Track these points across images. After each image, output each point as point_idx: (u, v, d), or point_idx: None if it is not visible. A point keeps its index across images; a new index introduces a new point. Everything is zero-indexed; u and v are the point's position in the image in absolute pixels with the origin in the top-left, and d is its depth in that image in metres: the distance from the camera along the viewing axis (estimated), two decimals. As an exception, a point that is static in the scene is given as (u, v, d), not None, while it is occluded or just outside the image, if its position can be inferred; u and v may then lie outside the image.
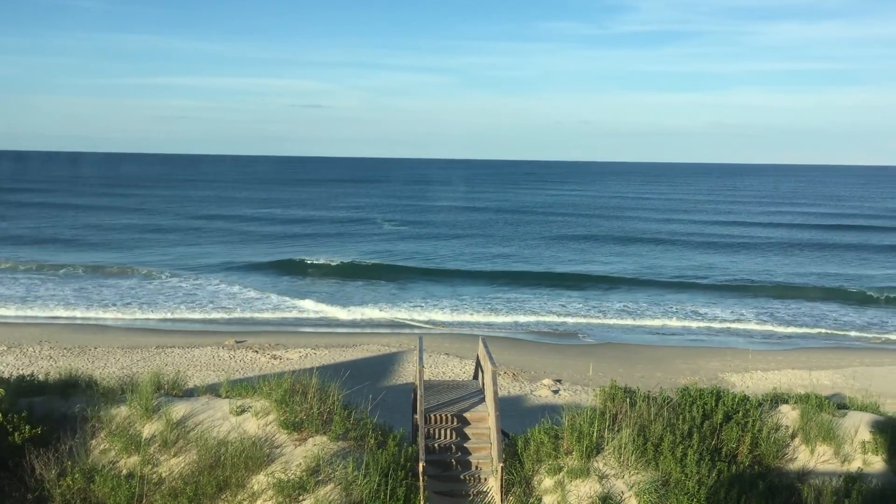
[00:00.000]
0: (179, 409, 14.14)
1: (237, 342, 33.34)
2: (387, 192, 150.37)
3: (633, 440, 13.43)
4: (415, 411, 15.47)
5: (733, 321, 41.30)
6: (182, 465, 13.19)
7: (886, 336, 38.85)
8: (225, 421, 13.98)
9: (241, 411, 14.17)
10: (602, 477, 13.19)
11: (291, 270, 55.05)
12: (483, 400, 15.81)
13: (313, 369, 15.48)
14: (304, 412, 14.02)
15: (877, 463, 13.38)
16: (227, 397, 14.81)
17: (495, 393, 14.56)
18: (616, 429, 13.91)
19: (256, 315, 40.79)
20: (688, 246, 72.53)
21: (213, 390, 15.35)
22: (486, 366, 15.47)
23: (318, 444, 13.56)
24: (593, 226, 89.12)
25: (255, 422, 13.97)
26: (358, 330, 38.45)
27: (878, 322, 42.15)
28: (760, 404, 14.75)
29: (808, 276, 56.62)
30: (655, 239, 76.60)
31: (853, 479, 12.68)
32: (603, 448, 13.70)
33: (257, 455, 13.17)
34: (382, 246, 69.17)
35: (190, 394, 15.22)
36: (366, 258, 59.48)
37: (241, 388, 14.96)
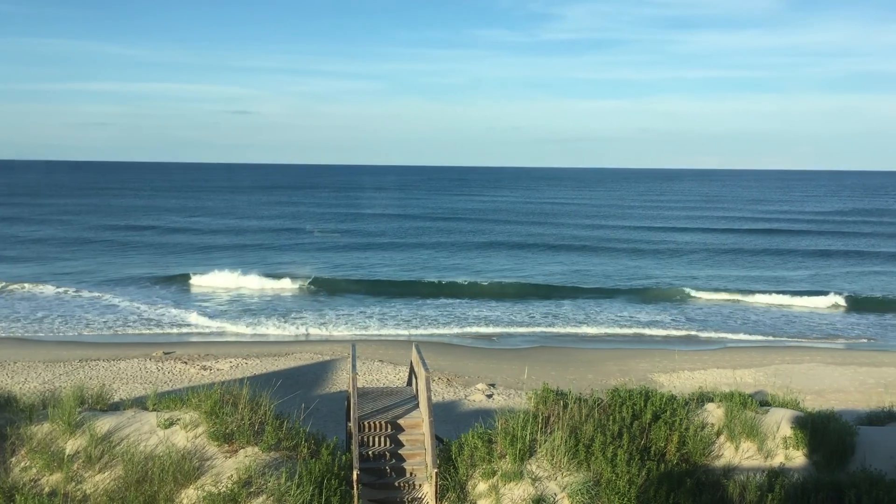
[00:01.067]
0: (104, 424, 13.72)
1: (165, 353, 32.54)
2: (318, 200, 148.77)
3: (565, 442, 13.62)
4: (348, 419, 15.36)
5: (660, 324, 42.24)
6: (108, 481, 12.81)
7: (804, 336, 40.33)
8: (152, 434, 13.63)
9: (170, 424, 13.83)
10: (535, 479, 13.32)
11: (221, 281, 53.84)
12: (417, 406, 15.80)
13: (244, 379, 15.24)
14: (234, 423, 13.78)
15: (798, 458, 13.84)
16: (155, 410, 14.45)
17: (429, 399, 14.57)
18: (549, 431, 14.08)
19: (184, 329, 39.86)
20: (616, 252, 73.70)
21: (139, 403, 14.95)
22: (420, 372, 15.47)
23: (249, 456, 13.34)
24: (525, 233, 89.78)
25: (184, 434, 13.66)
26: (290, 338, 38.00)
27: (783, 322, 43.75)
28: (687, 403, 15.13)
29: (728, 278, 58.39)
30: (585, 246, 77.21)
31: (776, 474, 13.09)
32: (536, 451, 13.85)
33: (186, 468, 12.88)
34: (313, 256, 68.30)
35: (115, 407, 14.80)
36: (297, 269, 58.62)
37: (169, 400, 14.62)
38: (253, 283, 52.81)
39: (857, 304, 48.50)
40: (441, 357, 32.78)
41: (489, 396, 27.13)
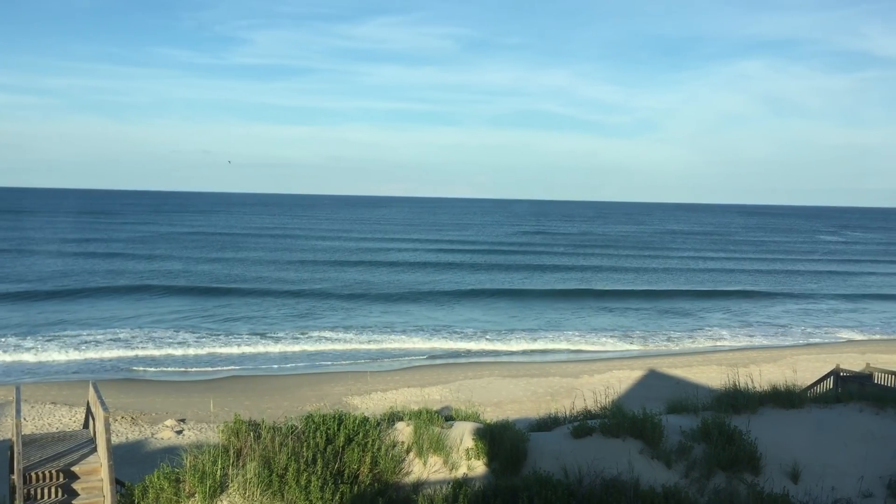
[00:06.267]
0: None
1: None
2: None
3: (258, 474, 13.31)
4: (12, 471, 13.69)
5: (343, 347, 43.27)
6: None
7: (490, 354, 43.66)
8: None
9: None
10: (227, 515, 12.85)
11: None
12: (95, 450, 14.53)
13: None
14: None
15: (479, 467, 14.84)
16: None
17: (108, 440, 13.47)
18: (241, 464, 13.68)
19: None
20: (298, 294, 65.81)
21: None
22: (98, 412, 14.25)
23: None
24: (206, 273, 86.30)
25: None
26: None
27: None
28: (379, 424, 15.56)
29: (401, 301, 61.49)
30: (264, 287, 70.15)
31: (460, 485, 13.89)
32: (228, 486, 13.37)
33: None
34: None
35: None
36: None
37: None
38: None
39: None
40: (125, 394, 30.55)
41: (179, 433, 25.74)
